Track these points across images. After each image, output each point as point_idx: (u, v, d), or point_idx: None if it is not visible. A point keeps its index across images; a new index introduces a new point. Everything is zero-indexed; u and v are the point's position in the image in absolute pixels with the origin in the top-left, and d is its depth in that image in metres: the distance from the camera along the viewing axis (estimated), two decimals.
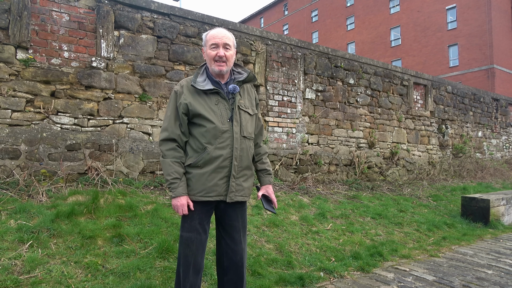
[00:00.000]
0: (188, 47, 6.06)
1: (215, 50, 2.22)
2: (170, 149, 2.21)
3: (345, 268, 3.68)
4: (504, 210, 6.38)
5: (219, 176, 2.21)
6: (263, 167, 2.48)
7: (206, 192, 2.20)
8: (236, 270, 2.34)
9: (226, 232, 2.34)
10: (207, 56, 2.26)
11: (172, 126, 2.23)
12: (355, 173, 8.17)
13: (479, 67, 26.72)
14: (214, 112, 2.21)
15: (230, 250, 2.33)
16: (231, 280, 2.35)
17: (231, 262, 2.33)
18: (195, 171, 2.20)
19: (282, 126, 7.22)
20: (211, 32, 2.27)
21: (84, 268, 2.95)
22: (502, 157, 13.49)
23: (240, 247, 2.35)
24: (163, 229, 3.82)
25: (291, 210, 5.26)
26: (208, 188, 2.19)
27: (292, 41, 7.55)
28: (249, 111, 2.35)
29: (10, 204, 3.76)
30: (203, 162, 2.18)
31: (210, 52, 2.23)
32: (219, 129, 2.19)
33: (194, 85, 2.22)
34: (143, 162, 5.47)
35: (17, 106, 4.69)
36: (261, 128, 2.52)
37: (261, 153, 2.49)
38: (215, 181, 2.20)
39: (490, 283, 3.49)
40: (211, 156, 2.18)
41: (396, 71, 9.68)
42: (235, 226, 2.34)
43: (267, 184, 2.48)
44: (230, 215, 2.32)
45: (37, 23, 4.87)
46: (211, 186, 2.20)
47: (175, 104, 2.25)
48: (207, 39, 2.27)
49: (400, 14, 32.03)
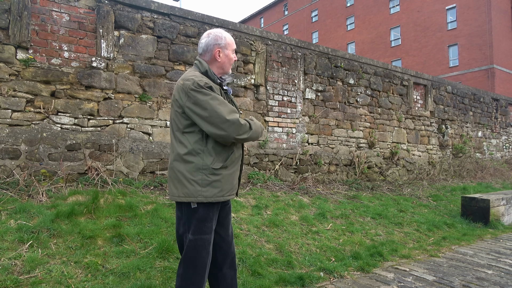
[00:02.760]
0: (188, 47, 6.06)
1: (233, 54, 2.38)
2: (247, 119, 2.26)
3: (345, 268, 3.68)
4: (504, 210, 6.38)
5: (238, 174, 2.36)
6: None
7: (232, 190, 2.30)
8: (231, 261, 2.41)
9: (222, 226, 2.41)
10: (227, 58, 2.33)
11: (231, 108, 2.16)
12: (355, 173, 8.17)
13: (479, 67, 26.72)
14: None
15: (225, 244, 2.40)
16: (227, 274, 2.39)
17: (226, 255, 2.40)
18: (224, 172, 2.23)
19: (282, 126, 7.23)
20: (228, 37, 2.35)
21: (84, 268, 2.95)
22: (502, 157, 13.49)
23: (232, 239, 2.48)
24: (163, 229, 3.82)
25: (291, 210, 5.26)
26: (233, 186, 2.31)
27: (292, 41, 7.55)
28: None
29: (10, 204, 3.76)
30: (230, 162, 2.26)
31: (232, 56, 2.36)
32: None
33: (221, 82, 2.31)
34: (143, 162, 5.47)
35: (17, 106, 4.69)
36: None
37: None
38: (236, 179, 2.34)
39: (490, 283, 3.49)
40: (235, 156, 2.28)
41: (396, 71, 9.68)
42: (229, 219, 2.46)
43: None
44: (225, 210, 2.42)
45: (37, 23, 4.87)
46: (234, 184, 2.32)
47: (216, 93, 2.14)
48: (229, 43, 2.33)
49: (400, 14, 32.04)
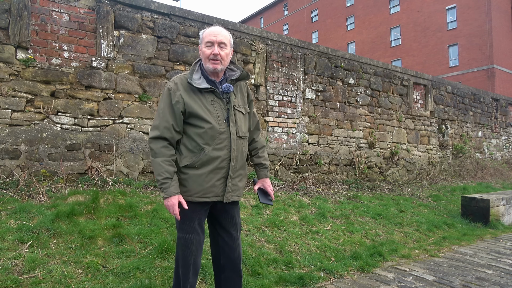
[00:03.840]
0: (188, 47, 6.06)
1: (210, 48, 2.17)
2: (161, 148, 2.14)
3: (345, 268, 3.68)
4: (504, 210, 6.38)
5: (216, 177, 2.19)
6: (259, 161, 2.47)
7: (204, 193, 2.18)
8: (233, 267, 2.35)
9: (224, 230, 2.35)
10: (202, 54, 2.20)
11: (163, 123, 2.14)
12: (355, 173, 8.17)
13: (479, 67, 26.71)
14: (210, 112, 2.17)
15: (227, 248, 2.34)
16: (229, 277, 2.36)
17: (229, 259, 2.35)
18: (192, 172, 2.17)
19: (282, 126, 7.23)
20: (207, 30, 2.22)
21: (84, 268, 2.95)
22: (502, 157, 13.49)
23: (238, 244, 2.38)
24: (163, 229, 3.82)
25: (291, 210, 5.25)
26: (206, 189, 2.18)
27: (292, 41, 7.55)
28: (242, 110, 2.33)
29: (10, 204, 3.76)
30: (201, 163, 2.16)
31: (205, 50, 2.18)
32: (217, 130, 2.17)
33: (191, 82, 2.17)
34: (143, 162, 5.47)
35: (17, 106, 4.69)
36: (257, 123, 2.49)
37: (258, 147, 2.48)
38: (212, 182, 2.19)
39: (490, 283, 3.49)
40: (209, 157, 2.16)
41: (396, 71, 9.68)
42: (233, 224, 2.36)
43: (263, 177, 2.48)
44: (228, 213, 2.34)
45: (37, 23, 4.87)
46: (208, 187, 2.18)
47: (168, 101, 2.16)
48: (203, 36, 2.22)
49: (400, 14, 32.04)
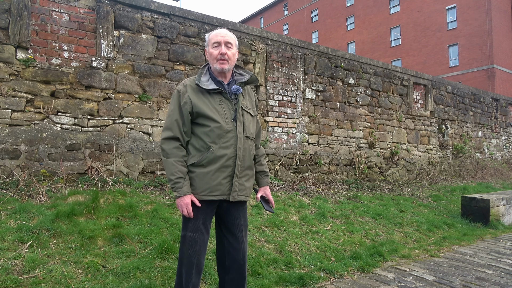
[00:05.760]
0: (188, 47, 6.06)
1: (217, 48, 2.24)
2: (173, 148, 2.20)
3: (345, 268, 3.68)
4: (504, 210, 6.38)
5: (223, 175, 2.22)
6: (261, 168, 2.51)
7: (210, 191, 2.21)
8: (238, 268, 2.34)
9: (229, 231, 2.35)
10: (210, 55, 2.28)
11: (175, 124, 2.21)
12: (355, 173, 8.17)
13: (479, 67, 26.72)
14: (218, 112, 2.23)
15: (232, 249, 2.34)
16: (233, 279, 2.36)
17: (234, 260, 2.34)
18: (199, 170, 2.20)
19: (282, 126, 7.22)
20: (213, 32, 2.31)
21: (84, 268, 2.95)
22: (502, 157, 13.49)
23: (243, 246, 2.36)
24: (163, 229, 3.82)
25: (291, 210, 5.25)
26: (212, 187, 2.20)
27: (292, 41, 7.55)
28: (251, 112, 2.39)
29: (10, 204, 3.76)
30: (207, 161, 2.19)
31: (213, 51, 2.25)
32: (224, 129, 2.21)
33: (199, 84, 2.23)
34: (143, 162, 5.47)
35: (17, 106, 4.69)
36: (260, 129, 2.55)
37: (259, 155, 2.52)
38: (218, 180, 2.21)
39: (490, 283, 3.49)
40: (215, 155, 2.19)
41: (396, 71, 9.68)
42: (238, 225, 2.35)
43: (265, 185, 2.52)
44: (233, 214, 2.34)
45: (37, 23, 4.87)
46: (215, 185, 2.20)
47: (178, 103, 2.23)
48: (210, 38, 2.30)
49: (400, 14, 32.04)
